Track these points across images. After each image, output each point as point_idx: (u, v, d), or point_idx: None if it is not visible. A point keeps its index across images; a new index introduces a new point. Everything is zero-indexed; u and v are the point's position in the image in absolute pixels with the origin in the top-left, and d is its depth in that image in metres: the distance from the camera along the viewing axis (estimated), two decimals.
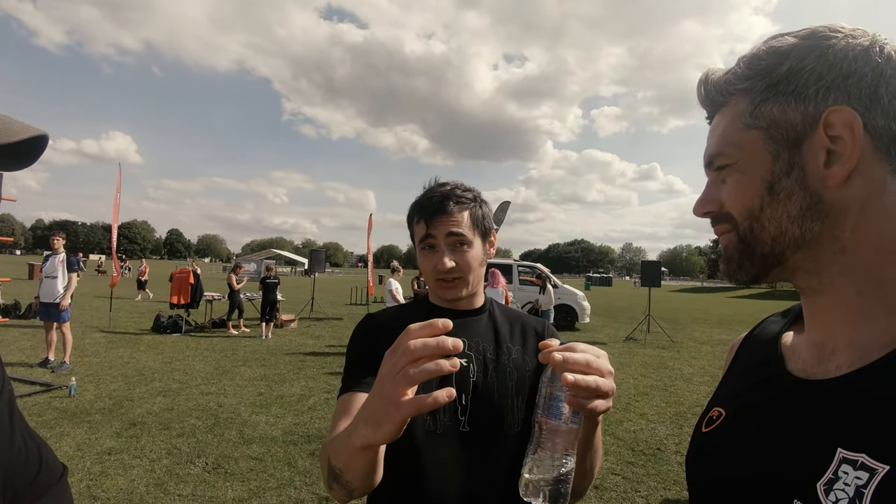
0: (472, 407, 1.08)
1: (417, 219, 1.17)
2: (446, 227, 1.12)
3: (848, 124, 0.49)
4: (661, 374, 8.44)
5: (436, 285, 1.15)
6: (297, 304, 16.41)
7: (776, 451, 0.52)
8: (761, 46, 0.56)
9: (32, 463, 0.71)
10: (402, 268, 10.30)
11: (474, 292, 1.19)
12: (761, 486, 0.52)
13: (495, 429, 1.08)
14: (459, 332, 1.13)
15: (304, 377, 7.22)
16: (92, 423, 4.95)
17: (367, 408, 0.72)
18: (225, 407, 5.64)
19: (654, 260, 15.24)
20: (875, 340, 0.50)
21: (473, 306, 1.21)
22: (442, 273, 1.12)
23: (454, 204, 1.14)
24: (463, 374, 1.10)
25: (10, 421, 0.69)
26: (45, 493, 0.72)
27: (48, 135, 0.59)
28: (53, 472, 0.75)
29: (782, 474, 0.50)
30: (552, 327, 1.29)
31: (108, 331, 10.54)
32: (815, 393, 0.53)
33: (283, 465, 4.16)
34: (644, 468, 4.33)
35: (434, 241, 1.13)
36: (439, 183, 1.20)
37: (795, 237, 0.53)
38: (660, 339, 12.59)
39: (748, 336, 0.74)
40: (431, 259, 1.13)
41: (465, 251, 1.13)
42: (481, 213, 1.18)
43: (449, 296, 1.15)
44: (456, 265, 1.12)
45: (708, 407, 0.68)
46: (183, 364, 7.78)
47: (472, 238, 1.14)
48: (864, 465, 0.44)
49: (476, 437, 1.07)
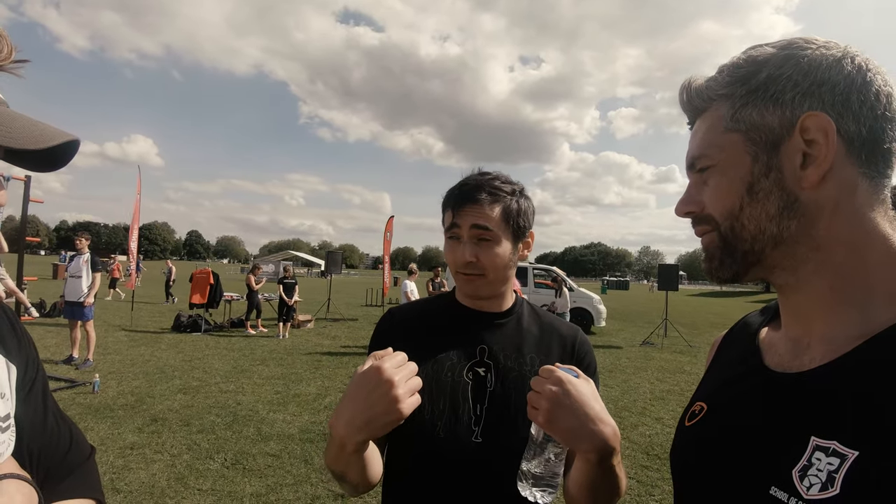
0: (486, 418, 1.04)
1: (447, 206, 1.11)
2: (472, 219, 1.04)
3: (822, 129, 0.52)
4: (677, 378, 8.35)
5: (457, 278, 1.10)
6: (314, 304, 16.56)
7: (754, 441, 0.55)
8: (741, 56, 0.60)
9: (63, 443, 0.76)
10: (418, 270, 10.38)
11: (500, 293, 1.12)
12: (740, 475, 0.55)
13: (509, 441, 1.02)
14: (481, 336, 1.10)
15: (320, 376, 7.31)
16: (115, 418, 5.07)
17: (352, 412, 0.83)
18: (243, 404, 5.74)
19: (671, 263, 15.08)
20: (846, 334, 0.53)
21: (500, 308, 1.14)
22: (461, 266, 1.06)
23: (486, 195, 1.05)
24: (480, 383, 1.06)
25: (45, 403, 0.75)
26: (75, 470, 0.77)
27: (79, 140, 0.62)
28: (83, 452, 0.80)
29: (760, 463, 0.53)
30: (585, 339, 1.19)
31: (129, 329, 10.77)
32: (790, 385, 0.56)
33: (300, 461, 4.22)
34: (659, 472, 4.30)
35: (458, 232, 1.07)
36: (481, 172, 1.12)
37: (773, 235, 0.56)
38: (677, 344, 12.44)
39: (729, 333, 0.78)
40: (455, 251, 1.07)
41: (488, 247, 1.05)
42: (518, 208, 1.08)
43: (467, 289, 1.10)
44: (477, 260, 1.05)
45: (691, 402, 0.71)
46: (202, 362, 7.92)
47: (499, 234, 1.05)
48: (835, 452, 0.46)
49: (488, 448, 1.03)
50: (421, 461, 1.06)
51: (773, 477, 0.51)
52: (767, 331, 0.68)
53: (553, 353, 1.12)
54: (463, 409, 1.04)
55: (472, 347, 1.09)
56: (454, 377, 1.06)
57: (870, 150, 0.53)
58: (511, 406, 1.05)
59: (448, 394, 1.05)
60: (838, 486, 0.45)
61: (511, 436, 1.04)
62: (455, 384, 1.06)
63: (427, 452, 1.05)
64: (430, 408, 1.05)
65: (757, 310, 0.76)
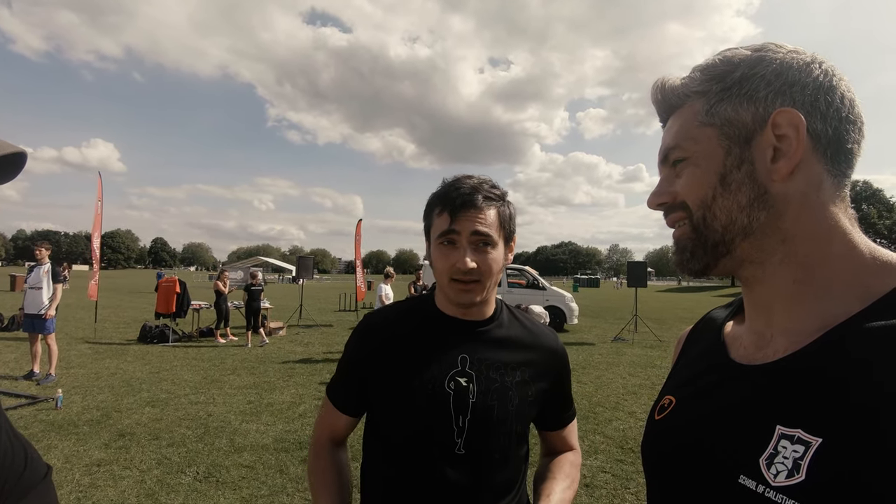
0: (469, 429, 1.02)
1: (440, 210, 1.05)
2: (473, 224, 1.01)
3: (794, 124, 0.55)
4: (648, 373, 8.53)
5: (449, 286, 1.04)
6: (286, 311, 16.32)
7: (722, 432, 0.57)
8: (716, 56, 0.62)
9: (19, 462, 0.73)
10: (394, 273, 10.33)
11: (487, 299, 1.10)
12: (710, 465, 0.57)
13: (491, 453, 1.03)
14: (463, 346, 1.08)
15: (294, 384, 7.20)
16: (80, 434, 4.89)
17: None
18: (215, 416, 5.61)
19: (640, 261, 15.37)
20: (807, 326, 0.55)
21: (483, 316, 1.12)
22: (460, 273, 1.02)
23: (483, 199, 1.03)
24: (462, 394, 1.04)
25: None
26: (31, 490, 0.74)
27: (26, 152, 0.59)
28: (38, 472, 0.77)
29: (728, 453, 0.55)
30: (565, 353, 1.20)
31: (93, 342, 10.40)
32: (754, 377, 0.58)
33: (275, 472, 4.15)
34: (634, 465, 4.38)
35: (456, 238, 1.02)
36: (466, 175, 1.09)
37: (744, 226, 0.58)
38: (647, 339, 12.71)
39: (694, 328, 0.80)
40: (450, 257, 1.03)
41: (488, 252, 1.03)
42: (508, 213, 1.08)
43: (463, 299, 1.05)
44: (477, 267, 1.02)
45: (659, 396, 0.73)
46: (171, 374, 7.70)
47: (497, 239, 1.04)
48: (800, 439, 0.48)
49: (471, 460, 1.02)
50: (403, 473, 1.05)
51: (742, 466, 0.53)
52: (732, 325, 0.70)
53: (536, 364, 1.12)
54: (445, 420, 1.03)
55: (454, 357, 1.07)
56: (435, 388, 1.04)
57: (834, 149, 0.56)
58: (493, 417, 1.04)
59: (429, 405, 1.03)
60: (804, 472, 0.47)
61: (494, 447, 1.04)
62: (436, 395, 1.04)
63: (409, 464, 1.04)
64: (410, 420, 1.04)
65: (721, 305, 0.79)
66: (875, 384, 0.46)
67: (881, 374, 0.46)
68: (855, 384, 0.47)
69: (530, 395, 1.09)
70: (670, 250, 0.68)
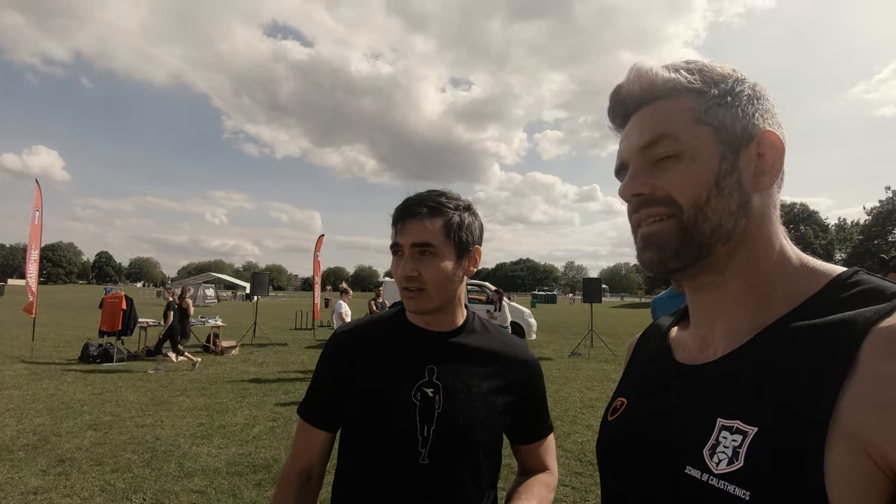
0: (433, 440, 1.02)
1: (393, 223, 1.10)
2: (411, 237, 1.04)
3: (776, 146, 0.61)
4: (605, 387, 8.71)
5: (402, 295, 1.09)
6: (239, 329, 15.82)
7: (669, 427, 0.62)
8: (705, 62, 0.64)
9: None
10: (351, 290, 10.18)
11: (448, 310, 1.11)
12: (659, 459, 0.61)
13: (456, 464, 1.04)
14: (430, 356, 1.09)
15: (247, 405, 6.96)
16: (14, 460, 4.58)
17: None
18: (162, 439, 5.35)
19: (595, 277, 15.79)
20: (744, 328, 0.61)
21: (451, 325, 1.13)
22: (403, 281, 1.05)
23: (426, 209, 1.05)
24: (428, 404, 1.04)
25: None
26: None
27: None
28: None
29: (675, 446, 0.59)
30: (536, 364, 1.21)
31: (30, 361, 9.78)
32: (696, 376, 0.63)
33: (228, 496, 4.00)
34: (592, 478, 4.46)
35: (400, 248, 1.06)
36: (429, 189, 1.12)
37: (728, 231, 0.61)
38: (602, 353, 13.00)
39: (642, 335, 0.87)
40: (398, 267, 1.06)
41: (429, 261, 1.04)
42: (460, 222, 1.08)
43: (411, 307, 1.08)
44: (418, 274, 1.04)
45: (612, 399, 0.78)
46: (115, 395, 7.32)
47: (440, 247, 1.05)
48: (738, 430, 0.53)
49: (435, 471, 1.02)
50: (367, 483, 1.05)
51: (688, 457, 0.57)
52: (677, 330, 0.76)
53: (504, 377, 1.12)
54: (410, 430, 1.03)
55: (421, 367, 1.08)
56: (401, 398, 1.05)
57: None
58: (459, 427, 1.04)
59: (395, 415, 1.04)
60: (742, 459, 0.51)
61: (459, 458, 1.04)
62: (402, 405, 1.04)
63: (373, 474, 1.04)
64: (376, 429, 1.05)
65: (667, 314, 0.85)
66: (794, 375, 0.52)
67: (799, 366, 0.52)
68: (780, 377, 0.53)
69: (498, 406, 1.09)
70: (638, 246, 0.66)
